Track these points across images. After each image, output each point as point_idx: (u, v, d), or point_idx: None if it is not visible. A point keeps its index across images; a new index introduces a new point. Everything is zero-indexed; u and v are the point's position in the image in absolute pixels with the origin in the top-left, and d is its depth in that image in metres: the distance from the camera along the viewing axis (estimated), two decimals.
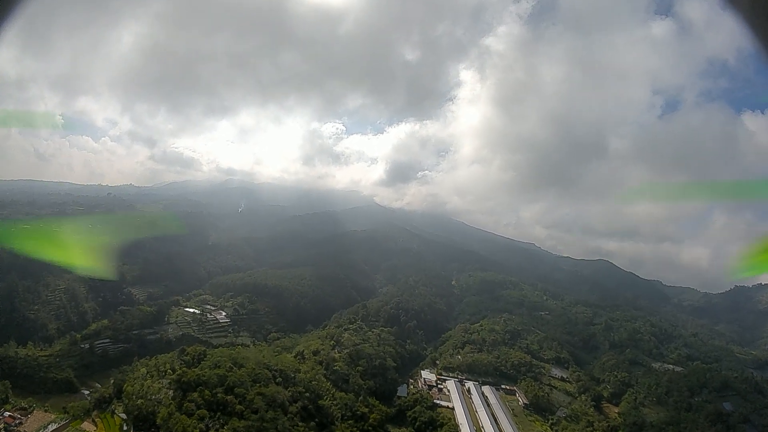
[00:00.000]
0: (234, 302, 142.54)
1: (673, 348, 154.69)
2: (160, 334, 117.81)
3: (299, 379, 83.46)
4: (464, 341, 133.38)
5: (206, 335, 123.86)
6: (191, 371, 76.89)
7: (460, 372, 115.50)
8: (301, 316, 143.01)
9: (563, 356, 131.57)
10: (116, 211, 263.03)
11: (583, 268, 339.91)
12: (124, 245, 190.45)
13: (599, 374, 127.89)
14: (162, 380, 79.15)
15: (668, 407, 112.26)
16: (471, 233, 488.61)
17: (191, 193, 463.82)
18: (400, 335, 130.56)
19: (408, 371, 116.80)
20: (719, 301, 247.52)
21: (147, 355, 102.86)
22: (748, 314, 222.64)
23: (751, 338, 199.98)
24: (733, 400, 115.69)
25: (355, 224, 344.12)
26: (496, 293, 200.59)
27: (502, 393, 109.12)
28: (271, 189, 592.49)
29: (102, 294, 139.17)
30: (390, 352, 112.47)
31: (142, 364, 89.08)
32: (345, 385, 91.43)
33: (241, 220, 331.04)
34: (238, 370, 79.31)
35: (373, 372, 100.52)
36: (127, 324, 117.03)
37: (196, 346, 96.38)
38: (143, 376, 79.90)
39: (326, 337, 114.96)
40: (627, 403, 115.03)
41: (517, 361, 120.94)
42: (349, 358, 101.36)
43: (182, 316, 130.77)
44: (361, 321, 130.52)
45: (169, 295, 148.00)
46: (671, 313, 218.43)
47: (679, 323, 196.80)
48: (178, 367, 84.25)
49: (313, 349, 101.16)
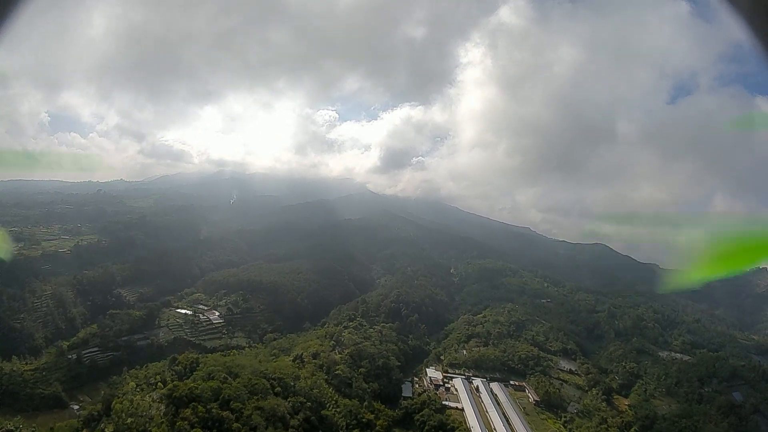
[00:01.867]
0: (227, 301, 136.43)
1: (677, 334, 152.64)
2: (150, 340, 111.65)
3: (299, 387, 78.18)
4: (468, 335, 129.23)
5: (199, 338, 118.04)
6: (183, 384, 71.17)
7: (467, 368, 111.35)
8: (298, 313, 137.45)
9: (570, 347, 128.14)
10: (106, 208, 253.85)
11: (579, 252, 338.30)
12: (113, 243, 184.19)
13: (606, 365, 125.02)
14: (153, 393, 73.58)
15: (679, 398, 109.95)
16: (465, 218, 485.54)
17: (182, 186, 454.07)
18: (402, 330, 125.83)
19: (412, 368, 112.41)
20: (717, 285, 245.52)
21: (137, 362, 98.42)
22: (746, 298, 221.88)
23: (750, 322, 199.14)
24: (742, 389, 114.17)
25: (348, 213, 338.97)
26: (496, 281, 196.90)
27: (511, 389, 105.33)
28: (263, 179, 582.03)
29: (91, 297, 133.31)
30: (393, 350, 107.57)
31: (132, 376, 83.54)
32: (348, 390, 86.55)
33: (234, 212, 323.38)
34: (234, 381, 73.84)
35: (376, 373, 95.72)
36: (116, 330, 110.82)
37: (187, 354, 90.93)
38: (133, 390, 74.17)
39: (325, 336, 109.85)
40: (637, 395, 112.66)
41: (525, 355, 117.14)
42: (351, 360, 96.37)
43: (174, 318, 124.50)
44: (361, 317, 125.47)
45: (161, 294, 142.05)
46: (671, 298, 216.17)
47: (680, 308, 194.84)
48: (170, 378, 78.77)
49: (312, 352, 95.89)
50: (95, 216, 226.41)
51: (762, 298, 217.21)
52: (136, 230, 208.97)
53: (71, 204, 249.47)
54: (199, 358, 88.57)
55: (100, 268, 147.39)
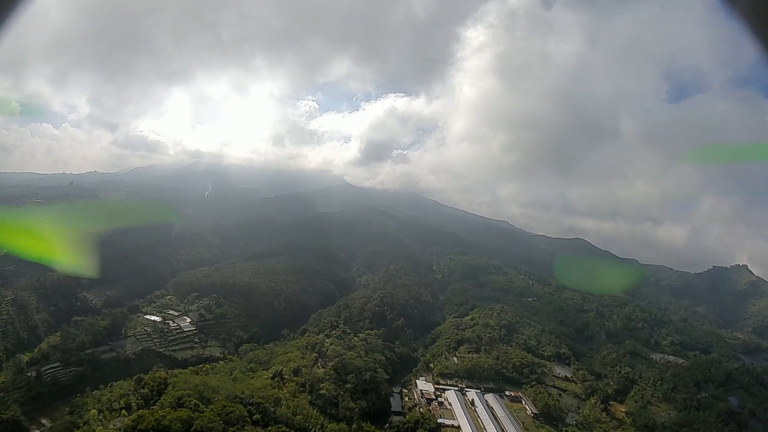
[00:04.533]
0: (200, 305, 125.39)
1: (665, 334, 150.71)
2: (116, 352, 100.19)
3: (280, 414, 68.83)
4: (458, 340, 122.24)
5: (169, 348, 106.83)
6: (149, 414, 60.89)
7: (459, 378, 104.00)
8: (276, 318, 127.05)
9: (563, 352, 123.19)
10: (76, 201, 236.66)
11: (559, 247, 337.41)
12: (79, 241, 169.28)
13: (600, 369, 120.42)
14: (116, 421, 63.53)
15: (677, 404, 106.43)
16: (443, 212, 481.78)
17: (157, 178, 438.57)
18: (388, 336, 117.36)
19: (400, 377, 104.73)
20: (697, 281, 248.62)
21: (102, 378, 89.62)
22: (727, 295, 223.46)
23: (732, 319, 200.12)
24: (737, 393, 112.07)
25: (326, 205, 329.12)
26: (481, 279, 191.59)
27: (507, 400, 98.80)
28: (240, 171, 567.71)
29: (54, 302, 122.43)
30: (380, 361, 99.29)
31: (94, 400, 73.18)
32: (334, 410, 77.65)
33: (209, 205, 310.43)
34: (206, 408, 63.96)
35: (364, 388, 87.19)
36: (79, 342, 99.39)
37: (154, 374, 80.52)
38: (95, 418, 63.79)
39: (306, 347, 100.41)
40: (634, 401, 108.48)
41: (519, 362, 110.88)
42: (336, 374, 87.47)
43: (142, 326, 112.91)
44: (344, 324, 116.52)
45: (129, 297, 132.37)
46: (653, 294, 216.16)
47: (663, 305, 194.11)
48: (135, 402, 69.33)
49: (293, 367, 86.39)
50: (65, 211, 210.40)
51: (742, 295, 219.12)
52: (105, 226, 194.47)
53: (41, 197, 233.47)
54: (168, 378, 78.42)
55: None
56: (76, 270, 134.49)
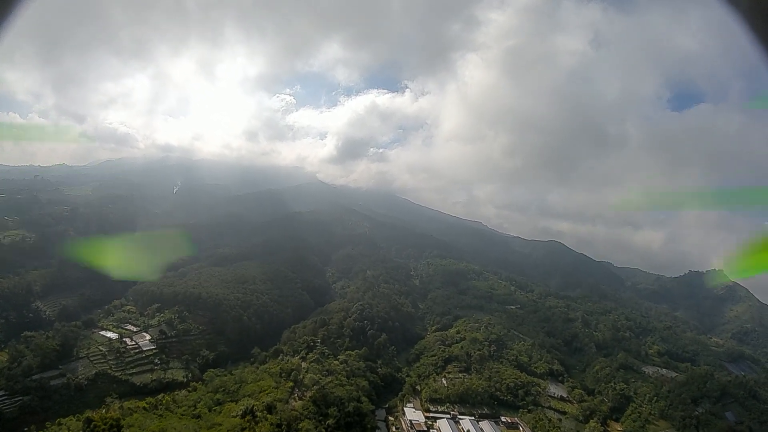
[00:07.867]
0: (161, 319, 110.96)
1: (651, 342, 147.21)
2: (67, 377, 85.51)
3: None
4: (445, 358, 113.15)
5: (126, 372, 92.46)
6: None
7: (450, 404, 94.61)
8: (245, 335, 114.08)
9: (556, 368, 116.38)
10: (40, 196, 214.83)
11: (535, 249, 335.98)
12: (39, 241, 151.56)
13: (594, 385, 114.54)
14: None
15: (675, 422, 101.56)
16: (417, 211, 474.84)
17: (126, 173, 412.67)
18: (370, 355, 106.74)
19: (384, 401, 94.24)
20: (674, 285, 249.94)
21: (50, 408, 78.61)
22: (704, 300, 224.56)
23: (710, 324, 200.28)
24: (733, 407, 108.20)
25: (298, 204, 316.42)
26: (462, 285, 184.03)
27: (504, 427, 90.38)
28: (211, 166, 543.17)
29: (5, 314, 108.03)
30: (363, 387, 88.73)
31: None
32: None
33: (178, 202, 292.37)
34: None
35: (347, 421, 76.52)
36: (25, 367, 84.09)
37: (106, 413, 67.12)
38: None
39: (281, 374, 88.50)
40: (632, 420, 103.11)
41: (513, 383, 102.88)
42: (315, 408, 76.33)
43: (96, 345, 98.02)
44: (322, 344, 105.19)
45: (86, 308, 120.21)
46: (633, 299, 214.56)
47: (644, 310, 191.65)
48: None
49: (266, 402, 74.56)
50: (27, 206, 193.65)
51: (719, 299, 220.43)
52: (67, 224, 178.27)
53: (3, 191, 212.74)
54: (122, 420, 65.29)
55: (16, 274, 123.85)
56: None
